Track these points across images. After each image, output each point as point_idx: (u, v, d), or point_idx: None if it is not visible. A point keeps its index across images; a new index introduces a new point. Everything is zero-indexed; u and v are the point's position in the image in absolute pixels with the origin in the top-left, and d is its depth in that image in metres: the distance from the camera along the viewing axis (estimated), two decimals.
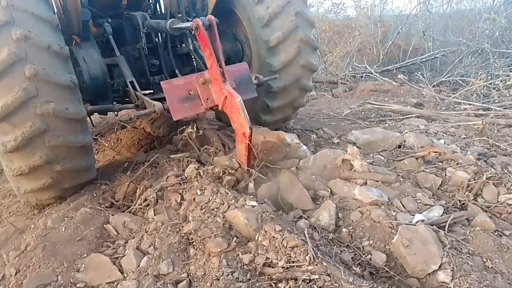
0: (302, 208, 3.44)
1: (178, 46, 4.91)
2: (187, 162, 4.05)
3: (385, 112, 5.95)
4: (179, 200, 3.51)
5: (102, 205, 3.74)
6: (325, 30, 16.43)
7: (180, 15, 4.49)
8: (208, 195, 3.37)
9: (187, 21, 4.41)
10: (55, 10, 4.03)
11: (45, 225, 3.44)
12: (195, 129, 4.16)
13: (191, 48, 4.50)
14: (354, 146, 3.94)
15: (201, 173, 3.63)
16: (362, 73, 12.84)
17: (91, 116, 4.36)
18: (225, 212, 3.15)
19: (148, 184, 3.81)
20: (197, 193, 3.42)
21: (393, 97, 9.23)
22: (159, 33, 4.65)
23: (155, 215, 3.42)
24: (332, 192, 3.59)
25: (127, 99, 4.51)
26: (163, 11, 4.92)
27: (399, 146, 4.57)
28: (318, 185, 3.65)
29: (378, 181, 3.55)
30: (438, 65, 13.23)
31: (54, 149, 3.36)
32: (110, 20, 4.52)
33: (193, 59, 4.78)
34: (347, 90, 10.89)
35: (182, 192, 3.58)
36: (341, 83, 12.16)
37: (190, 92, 3.64)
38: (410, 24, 14.89)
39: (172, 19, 3.88)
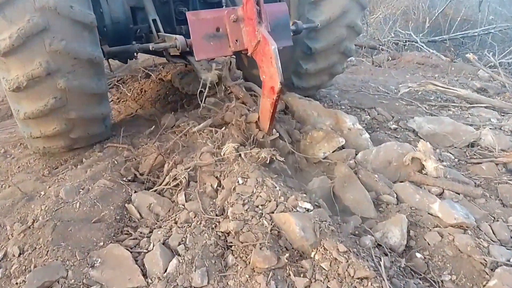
0: (362, 215, 2.85)
1: None
2: (222, 136, 3.43)
3: (447, 96, 5.16)
4: (215, 186, 2.94)
5: (124, 178, 3.19)
6: None
7: None
8: (251, 185, 2.78)
9: None
10: None
11: (56, 196, 2.92)
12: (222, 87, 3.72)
13: None
14: (428, 143, 3.25)
15: (243, 155, 3.02)
16: (405, 40, 11.72)
17: (109, 61, 4.02)
18: (273, 212, 2.57)
19: (179, 159, 3.22)
20: (238, 182, 2.84)
21: (442, 74, 8.29)
22: None
23: (186, 201, 2.87)
24: (399, 198, 2.98)
25: None
26: None
27: (472, 145, 3.86)
28: (381, 187, 3.03)
29: (458, 193, 2.91)
30: (488, 41, 12.03)
31: (64, 93, 3.00)
32: None
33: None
34: (390, 59, 9.89)
35: (220, 176, 3.00)
36: (381, 50, 11.16)
37: (219, 29, 3.12)
38: None
39: None
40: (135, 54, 3.85)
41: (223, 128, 3.44)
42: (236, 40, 3.11)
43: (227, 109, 3.65)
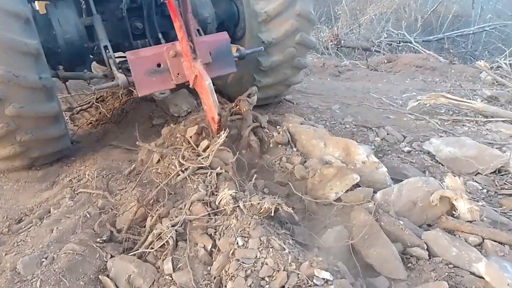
0: (389, 275, 2.35)
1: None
2: (217, 177, 2.90)
3: (459, 108, 4.71)
4: (209, 248, 2.41)
5: (98, 237, 2.63)
6: None
7: None
8: (254, 248, 2.26)
9: None
10: None
11: (13, 270, 2.36)
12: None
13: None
14: (458, 178, 2.77)
15: (242, 206, 2.49)
16: (399, 41, 11.32)
17: (67, 83, 3.97)
18: (283, 287, 2.05)
19: (164, 211, 2.68)
20: (237, 243, 2.31)
21: (443, 77, 7.89)
22: None
23: (174, 270, 2.33)
24: (430, 251, 2.48)
25: None
26: None
27: (499, 171, 3.40)
28: (409, 237, 2.53)
29: (503, 243, 2.43)
30: (482, 40, 11.71)
31: (14, 118, 3.10)
32: None
33: None
34: (386, 61, 9.43)
35: (214, 233, 2.47)
36: (375, 51, 10.74)
37: (160, 64, 3.21)
38: None
39: None
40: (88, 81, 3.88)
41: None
42: (178, 74, 3.19)
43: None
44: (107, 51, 3.52)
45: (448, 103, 4.59)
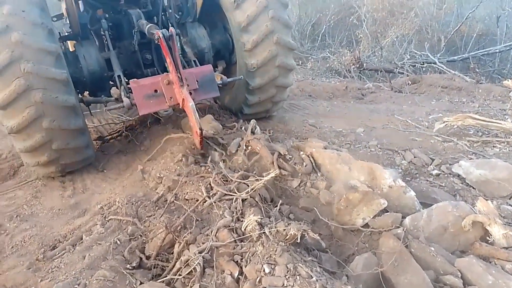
0: None
1: None
2: (242, 202, 2.93)
3: (488, 129, 4.59)
4: (236, 275, 2.42)
5: (128, 264, 2.69)
6: (376, 9, 14.42)
7: (170, 10, 4.98)
8: (281, 275, 2.25)
9: (176, 17, 5.12)
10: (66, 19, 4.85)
11: None
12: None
13: (178, 45, 4.65)
14: (490, 202, 2.69)
15: (268, 233, 2.50)
16: (423, 62, 11.21)
17: (90, 106, 4.85)
18: None
19: (191, 237, 2.72)
20: (264, 270, 2.31)
21: (470, 97, 7.73)
22: None
23: None
24: (465, 279, 2.39)
25: None
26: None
27: None
28: (441, 264, 2.46)
29: None
30: (510, 57, 11.44)
31: (48, 131, 3.77)
32: (108, 16, 4.97)
33: (180, 55, 4.89)
34: (410, 83, 9.33)
35: (241, 260, 2.48)
36: (399, 73, 10.66)
37: (156, 90, 3.94)
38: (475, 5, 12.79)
39: (150, 25, 4.16)
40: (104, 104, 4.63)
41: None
42: (171, 97, 3.90)
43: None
44: (121, 79, 4.35)
45: (476, 124, 4.49)
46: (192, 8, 5.08)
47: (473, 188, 3.50)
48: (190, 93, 3.78)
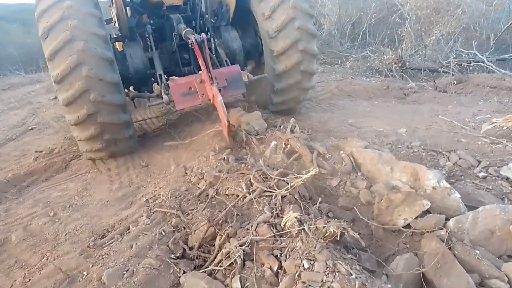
0: None
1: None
2: (282, 199, 2.98)
3: None
4: (275, 269, 2.47)
5: (172, 253, 2.82)
6: (420, 7, 13.89)
7: (207, 16, 5.44)
8: (320, 272, 2.27)
9: (212, 21, 5.67)
10: (115, 23, 5.68)
11: (99, 280, 2.61)
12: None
13: (213, 47, 5.20)
14: None
15: (307, 229, 2.53)
16: (470, 61, 10.70)
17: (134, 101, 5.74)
18: None
19: (232, 231, 2.80)
20: (303, 265, 2.34)
21: None
22: None
23: (241, 287, 2.41)
24: (510, 283, 2.30)
25: None
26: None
27: None
28: (486, 268, 2.38)
29: None
30: None
31: (101, 125, 4.47)
32: (152, 20, 5.63)
33: (214, 55, 5.37)
34: (455, 82, 8.95)
35: (280, 254, 2.53)
36: (443, 72, 10.25)
37: (190, 88, 4.52)
38: None
39: (186, 29, 4.69)
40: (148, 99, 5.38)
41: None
42: (203, 94, 4.48)
43: None
44: (161, 78, 4.92)
45: None
46: (226, 13, 5.66)
47: None
48: (220, 90, 4.26)
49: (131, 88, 5.60)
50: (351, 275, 2.22)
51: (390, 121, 5.64)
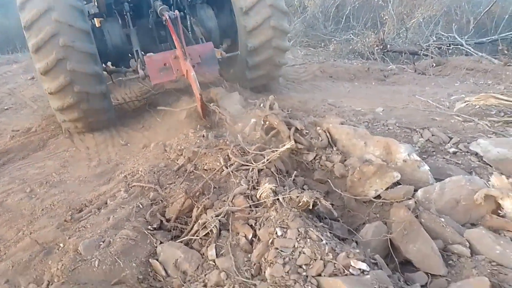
0: (429, 271, 2.35)
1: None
2: (258, 172, 3.04)
3: (511, 109, 4.51)
4: (250, 237, 2.55)
5: (149, 225, 2.86)
6: None
7: None
8: (292, 238, 2.36)
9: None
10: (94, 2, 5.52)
11: (75, 250, 2.63)
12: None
13: (188, 24, 5.59)
14: (503, 176, 2.70)
15: (281, 199, 2.60)
16: (449, 44, 10.87)
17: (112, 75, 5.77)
18: (320, 275, 2.13)
19: (209, 203, 2.86)
20: (276, 233, 2.42)
21: (496, 80, 7.52)
22: None
23: (217, 256, 2.48)
24: (473, 249, 2.44)
25: None
26: None
27: None
28: (450, 234, 2.51)
29: None
30: None
31: (79, 94, 4.57)
32: None
33: (190, 33, 5.64)
34: (434, 65, 9.12)
35: (255, 224, 2.60)
36: (423, 55, 10.40)
37: (165, 64, 4.64)
38: None
39: (162, 6, 4.83)
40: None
41: None
42: (177, 69, 4.61)
43: None
44: (138, 54, 5.10)
45: (499, 104, 4.41)
46: None
47: (490, 166, 3.48)
48: (194, 66, 4.36)
49: (109, 63, 5.71)
50: (322, 241, 2.31)
51: (368, 101, 5.73)
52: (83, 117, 4.83)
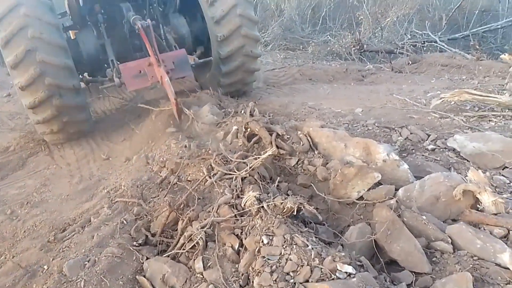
0: (413, 270, 2.39)
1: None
2: (242, 181, 3.05)
3: (485, 104, 4.64)
4: (237, 247, 2.55)
5: (135, 241, 2.84)
6: None
7: (155, 4, 5.92)
8: (279, 245, 2.37)
9: (160, 9, 6.12)
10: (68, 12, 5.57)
11: (60, 272, 2.59)
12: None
13: (162, 33, 5.78)
14: (480, 171, 2.78)
15: (266, 207, 2.62)
16: (424, 41, 11.13)
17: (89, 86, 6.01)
18: (308, 281, 2.15)
19: (194, 214, 2.85)
20: (262, 241, 2.43)
21: (470, 74, 7.74)
22: None
23: (204, 268, 2.48)
24: (455, 244, 2.50)
25: None
26: None
27: None
28: (432, 231, 2.56)
29: None
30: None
31: (59, 107, 4.68)
32: (103, 9, 5.60)
33: (163, 41, 5.82)
34: (410, 63, 9.30)
35: (241, 233, 2.61)
36: (399, 54, 10.61)
37: (140, 71, 4.77)
38: None
39: (134, 16, 4.96)
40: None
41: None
42: (152, 76, 4.72)
43: None
44: (113, 63, 5.21)
45: (473, 99, 4.54)
46: (173, 0, 5.97)
47: (467, 161, 3.58)
48: (168, 72, 4.51)
49: (85, 74, 5.83)
50: (308, 246, 2.33)
51: (348, 102, 5.81)
52: (62, 129, 4.94)
